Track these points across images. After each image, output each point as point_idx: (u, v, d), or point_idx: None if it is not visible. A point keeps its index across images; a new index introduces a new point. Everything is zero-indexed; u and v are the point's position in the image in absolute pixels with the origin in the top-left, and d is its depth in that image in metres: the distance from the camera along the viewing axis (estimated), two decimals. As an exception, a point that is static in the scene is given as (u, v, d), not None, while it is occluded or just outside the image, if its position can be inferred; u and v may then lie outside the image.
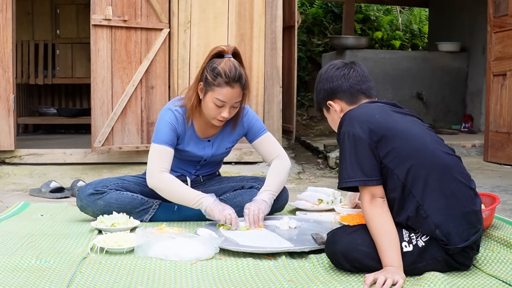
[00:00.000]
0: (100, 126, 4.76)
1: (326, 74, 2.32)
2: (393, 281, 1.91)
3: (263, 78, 5.14)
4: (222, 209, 2.68)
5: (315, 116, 8.92)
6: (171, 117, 2.82)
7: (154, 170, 2.75)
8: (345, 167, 2.10)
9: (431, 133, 2.17)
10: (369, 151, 2.06)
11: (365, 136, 2.07)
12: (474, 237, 2.05)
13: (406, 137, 2.08)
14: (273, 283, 2.00)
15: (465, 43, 7.76)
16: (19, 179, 4.67)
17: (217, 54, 2.76)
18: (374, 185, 2.06)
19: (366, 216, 2.08)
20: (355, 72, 2.29)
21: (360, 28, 10.28)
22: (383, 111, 2.16)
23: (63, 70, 7.81)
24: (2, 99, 4.83)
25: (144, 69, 4.84)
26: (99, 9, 4.70)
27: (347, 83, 2.27)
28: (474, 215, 2.07)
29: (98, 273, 2.11)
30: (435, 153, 2.08)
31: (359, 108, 2.21)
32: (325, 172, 5.43)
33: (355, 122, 2.11)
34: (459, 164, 2.12)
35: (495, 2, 5.51)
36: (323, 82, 2.32)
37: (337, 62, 2.35)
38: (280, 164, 2.97)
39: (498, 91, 5.47)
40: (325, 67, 2.36)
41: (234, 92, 2.72)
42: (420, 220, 2.04)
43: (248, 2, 5.08)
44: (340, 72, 2.29)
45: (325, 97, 2.32)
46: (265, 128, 3.03)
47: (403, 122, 2.14)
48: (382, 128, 2.08)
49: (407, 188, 2.05)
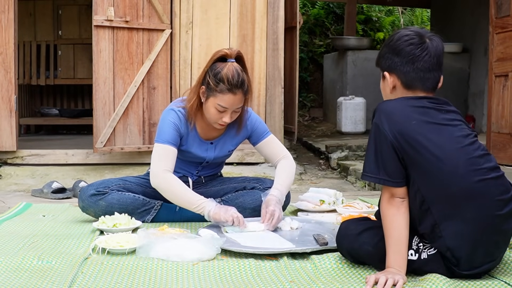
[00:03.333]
0: (102, 126, 4.76)
1: (397, 43, 2.06)
2: (394, 281, 1.91)
3: (265, 79, 5.15)
4: (226, 210, 2.66)
5: (316, 117, 8.92)
6: (174, 117, 2.81)
7: (157, 170, 2.73)
8: (369, 161, 2.01)
9: (470, 155, 1.96)
10: (393, 154, 1.96)
11: (393, 138, 1.96)
12: (487, 265, 1.97)
13: (437, 156, 1.93)
14: (274, 284, 1.99)
15: (467, 44, 7.75)
16: (21, 180, 4.68)
17: (220, 58, 2.74)
18: (395, 186, 1.99)
19: (381, 213, 2.03)
20: (427, 56, 2.03)
21: (362, 29, 10.27)
22: (423, 119, 1.98)
23: (65, 70, 7.82)
24: (4, 100, 4.84)
25: (146, 70, 4.84)
26: (101, 10, 4.71)
27: (411, 66, 2.04)
28: (493, 245, 1.96)
29: (100, 274, 2.11)
30: (464, 180, 1.92)
31: (401, 103, 2.03)
32: (327, 173, 5.43)
33: (388, 119, 1.98)
34: (494, 187, 1.93)
35: (497, 3, 5.50)
36: (390, 49, 2.09)
37: (414, 35, 2.05)
38: (289, 165, 2.95)
39: (500, 92, 5.46)
40: (400, 34, 2.08)
41: (236, 99, 2.71)
42: (435, 237, 1.97)
43: (250, 3, 5.08)
44: (412, 50, 2.03)
45: (385, 65, 2.10)
46: (268, 130, 3.01)
47: (440, 135, 1.96)
48: (413, 139, 1.95)
49: (426, 203, 1.96)
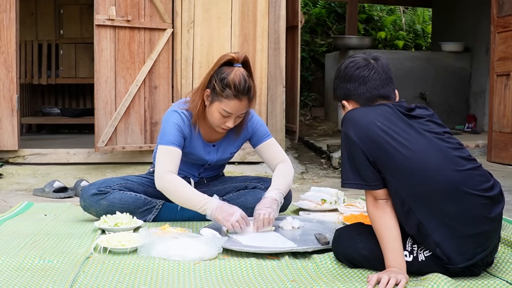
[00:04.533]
0: (104, 126, 4.76)
1: (345, 71, 2.16)
2: (396, 280, 1.91)
3: (266, 78, 5.14)
4: (228, 215, 2.56)
5: (318, 116, 8.92)
6: (178, 118, 2.78)
7: (161, 172, 2.70)
8: (345, 168, 2.05)
9: (441, 147, 1.98)
10: (364, 158, 1.99)
11: (360, 142, 1.99)
12: (480, 255, 1.96)
13: (406, 153, 1.95)
14: (276, 283, 1.99)
15: (468, 43, 7.74)
16: (22, 179, 4.68)
17: (227, 62, 2.71)
18: (373, 189, 2.02)
19: (369, 217, 2.07)
20: (376, 74, 2.11)
21: (364, 28, 10.26)
22: (389, 119, 2.02)
23: (66, 70, 7.82)
24: (5, 99, 4.84)
25: (147, 69, 4.84)
26: (102, 9, 4.71)
27: (364, 87, 2.11)
28: (483, 235, 1.95)
29: (101, 273, 2.12)
30: (439, 173, 1.93)
31: (365, 109, 2.09)
32: (328, 172, 5.43)
33: (353, 125, 2.03)
34: (472, 178, 1.94)
35: (499, 2, 5.50)
36: (341, 79, 2.17)
37: (359, 59, 2.15)
38: (286, 168, 2.91)
39: (501, 91, 5.46)
40: (346, 63, 2.18)
41: (241, 105, 2.69)
42: (422, 236, 1.98)
43: (252, 2, 5.08)
44: (360, 73, 2.12)
45: (341, 95, 2.18)
46: (269, 133, 2.98)
47: (407, 134, 1.99)
48: (380, 140, 1.97)
49: (406, 203, 1.97)
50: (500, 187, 2.02)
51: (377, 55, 2.19)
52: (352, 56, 2.22)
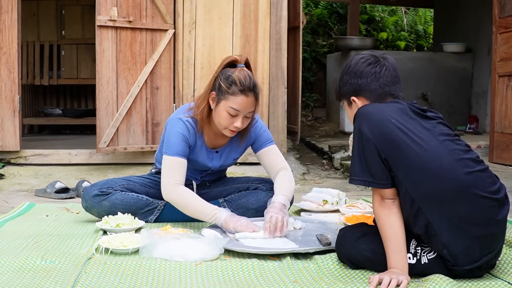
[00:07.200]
0: (105, 126, 4.77)
1: (356, 67, 2.14)
2: (398, 281, 1.90)
3: (268, 79, 5.15)
4: (237, 221, 2.57)
5: (319, 117, 8.92)
6: (182, 127, 2.77)
7: (169, 184, 2.70)
8: (354, 164, 2.02)
9: (452, 148, 1.97)
10: (376, 155, 1.96)
11: (374, 138, 1.97)
12: (485, 258, 1.95)
13: (419, 151, 1.94)
14: (277, 284, 1.99)
15: (470, 44, 7.74)
16: (24, 180, 4.68)
17: (230, 63, 2.73)
18: (381, 188, 2.00)
19: (375, 215, 2.05)
20: (387, 71, 2.12)
21: (365, 29, 10.26)
22: (402, 116, 2.00)
23: (68, 71, 7.83)
24: (7, 100, 4.84)
25: (149, 70, 4.85)
26: (104, 10, 4.71)
27: (376, 83, 2.10)
28: (490, 237, 1.94)
29: (103, 274, 2.12)
30: (450, 173, 1.92)
31: (379, 105, 2.07)
32: (330, 173, 5.43)
33: (367, 120, 2.00)
34: (481, 180, 1.94)
35: (501, 3, 5.49)
36: (351, 75, 2.15)
37: (369, 56, 2.15)
38: (289, 175, 2.90)
39: (503, 92, 5.45)
40: (356, 59, 2.16)
41: (248, 101, 2.68)
42: (430, 237, 1.97)
43: (253, 3, 5.08)
44: (371, 69, 2.11)
45: (350, 91, 2.16)
46: (272, 139, 2.97)
47: (420, 133, 1.98)
48: (394, 135, 1.95)
49: (415, 203, 1.95)
50: (505, 190, 2.02)
51: (383, 54, 2.19)
52: (360, 53, 2.20)
